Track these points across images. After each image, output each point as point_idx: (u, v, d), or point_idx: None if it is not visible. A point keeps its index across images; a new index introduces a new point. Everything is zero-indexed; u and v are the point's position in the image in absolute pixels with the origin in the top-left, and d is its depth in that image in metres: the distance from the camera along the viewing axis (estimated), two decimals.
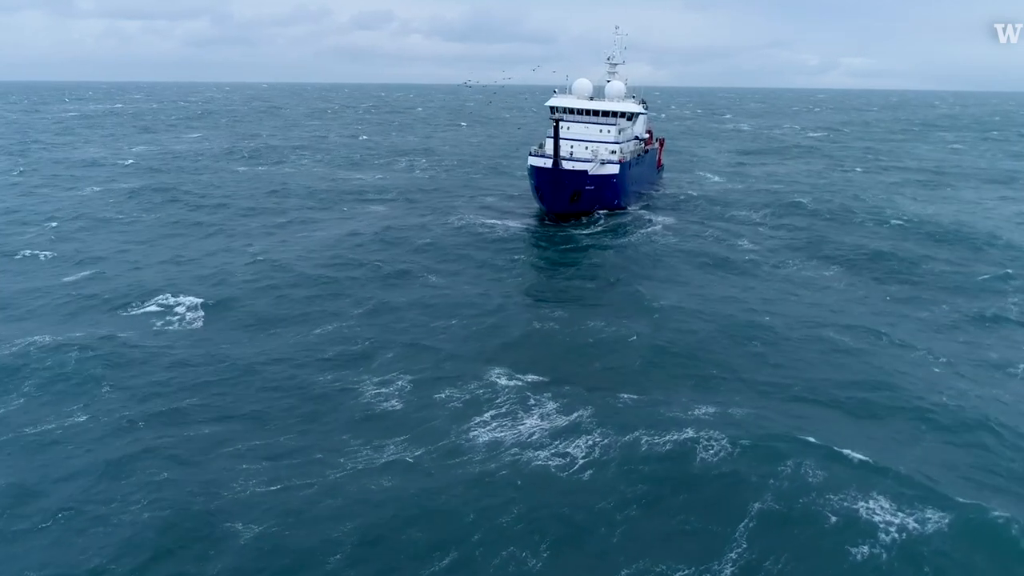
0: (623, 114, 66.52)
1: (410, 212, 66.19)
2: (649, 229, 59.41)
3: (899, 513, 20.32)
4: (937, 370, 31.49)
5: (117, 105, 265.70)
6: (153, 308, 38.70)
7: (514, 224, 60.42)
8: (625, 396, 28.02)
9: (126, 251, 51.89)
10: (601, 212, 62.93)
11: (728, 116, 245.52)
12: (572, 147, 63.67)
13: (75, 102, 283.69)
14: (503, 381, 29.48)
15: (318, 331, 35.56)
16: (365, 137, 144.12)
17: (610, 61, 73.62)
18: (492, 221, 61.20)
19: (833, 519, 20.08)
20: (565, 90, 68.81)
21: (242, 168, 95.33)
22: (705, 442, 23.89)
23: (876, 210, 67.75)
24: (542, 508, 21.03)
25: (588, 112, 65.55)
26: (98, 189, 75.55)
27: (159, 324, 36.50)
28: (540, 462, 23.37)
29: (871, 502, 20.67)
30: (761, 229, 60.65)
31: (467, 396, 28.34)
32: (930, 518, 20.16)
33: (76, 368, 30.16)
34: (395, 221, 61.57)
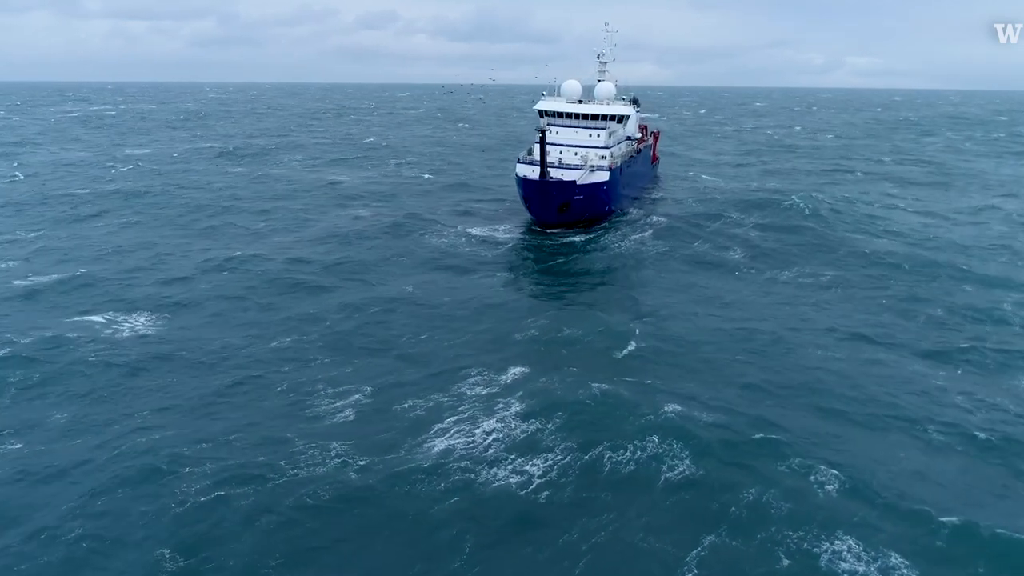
0: (613, 117, 64.94)
1: (395, 217, 64.95)
2: (640, 235, 57.74)
3: (864, 556, 18.87)
4: (937, 382, 30.23)
5: (121, 106, 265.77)
6: (114, 312, 37.97)
7: (502, 231, 59.27)
8: (594, 408, 26.86)
9: (102, 254, 51.10)
10: (591, 219, 61.53)
11: (730, 116, 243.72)
12: (561, 153, 62.19)
13: (78, 103, 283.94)
14: (475, 391, 28.62)
15: (285, 337, 34.66)
16: (371, 140, 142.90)
17: (600, 59, 71.64)
18: (479, 227, 60.13)
19: (787, 562, 18.60)
20: (554, 92, 67.34)
21: (236, 170, 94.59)
22: (670, 461, 22.83)
23: (877, 215, 66.24)
24: (494, 534, 20.01)
25: (577, 116, 63.89)
26: (86, 191, 74.82)
27: (115, 328, 35.74)
28: (499, 483, 22.33)
29: (837, 543, 19.21)
30: (755, 233, 59.12)
31: (431, 404, 27.57)
32: (897, 568, 18.59)
33: (20, 373, 29.51)
34: (379, 226, 60.56)
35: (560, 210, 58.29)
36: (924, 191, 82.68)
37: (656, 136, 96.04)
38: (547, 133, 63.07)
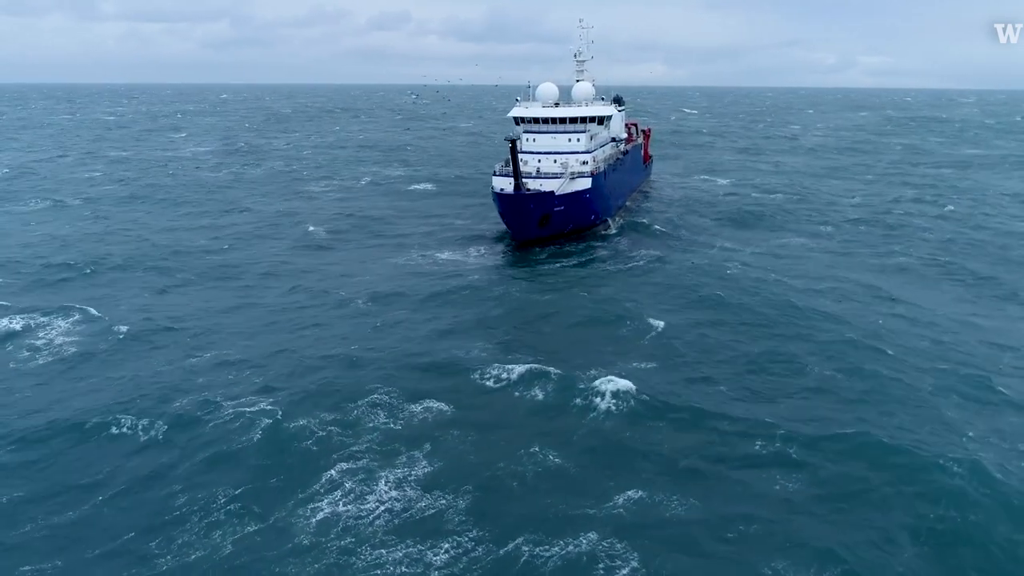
0: (593, 118, 60.05)
1: (366, 226, 61.57)
2: (623, 250, 52.29)
3: None
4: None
5: (121, 109, 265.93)
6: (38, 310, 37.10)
7: (475, 250, 53.28)
8: (524, 482, 22.17)
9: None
10: (575, 232, 56.57)
11: (734, 116, 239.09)
12: (540, 161, 57.60)
13: (81, 104, 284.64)
14: (387, 423, 25.76)
15: (215, 353, 32.53)
16: (363, 142, 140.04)
17: (577, 58, 66.82)
18: (453, 245, 54.85)
19: None
20: (529, 96, 62.67)
21: (217, 174, 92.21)
22: (607, 561, 18.57)
23: (889, 223, 62.21)
24: None
25: (554, 120, 59.04)
26: (43, 204, 71.65)
27: (34, 340, 34.11)
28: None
29: None
30: (752, 249, 53.40)
31: (325, 434, 24.84)
32: None
33: None
34: (348, 234, 57.68)
35: (540, 224, 53.52)
36: (944, 195, 77.98)
37: (647, 134, 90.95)
38: (524, 141, 58.99)
